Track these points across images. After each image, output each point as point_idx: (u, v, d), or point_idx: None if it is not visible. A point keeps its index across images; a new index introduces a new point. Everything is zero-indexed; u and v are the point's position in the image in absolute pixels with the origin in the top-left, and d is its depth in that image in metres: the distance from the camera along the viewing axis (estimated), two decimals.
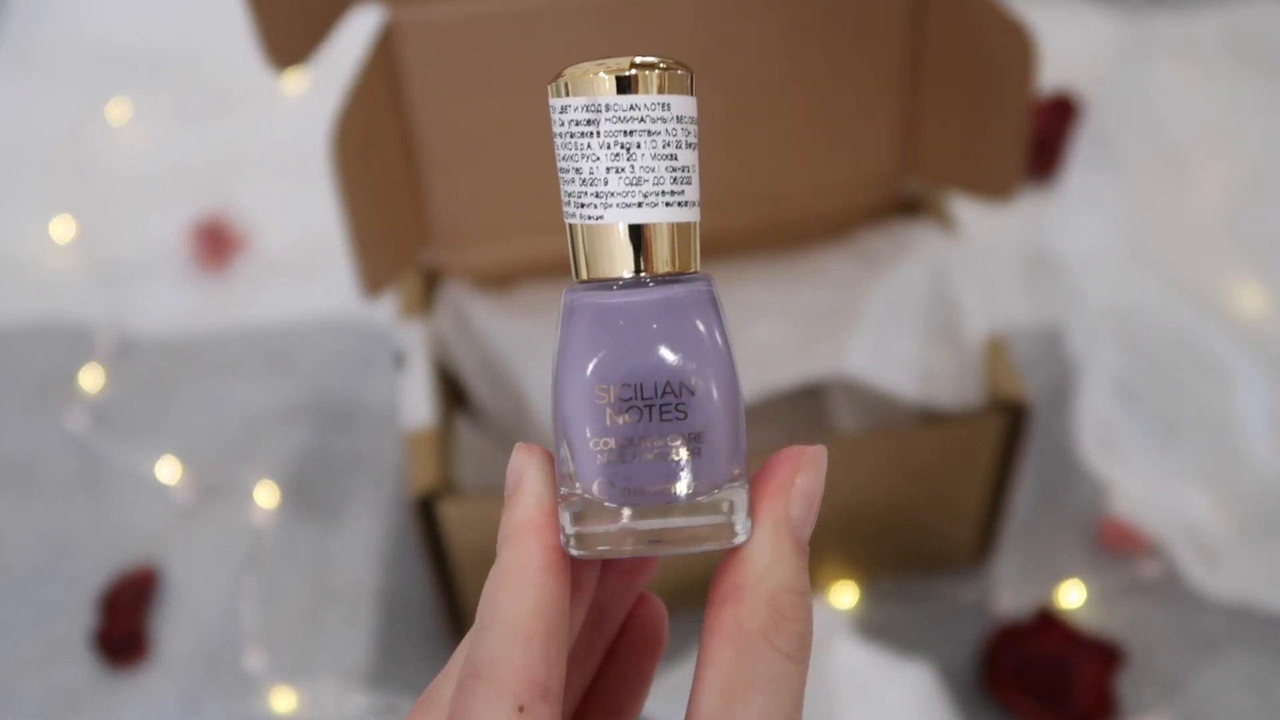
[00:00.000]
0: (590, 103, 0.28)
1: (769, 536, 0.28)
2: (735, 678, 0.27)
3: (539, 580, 0.28)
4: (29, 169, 0.91)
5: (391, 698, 0.64)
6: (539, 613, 0.27)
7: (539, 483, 0.29)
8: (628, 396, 0.28)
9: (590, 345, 0.28)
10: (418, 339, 0.62)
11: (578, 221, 0.29)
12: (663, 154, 0.28)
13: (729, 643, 0.27)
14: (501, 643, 0.27)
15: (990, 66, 0.59)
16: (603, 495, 0.28)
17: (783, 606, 0.28)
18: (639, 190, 0.28)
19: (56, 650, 0.67)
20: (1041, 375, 0.76)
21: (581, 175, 0.29)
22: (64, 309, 0.83)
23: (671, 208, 0.29)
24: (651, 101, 0.28)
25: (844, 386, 0.66)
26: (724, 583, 0.28)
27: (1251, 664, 0.64)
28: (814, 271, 0.67)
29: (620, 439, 0.28)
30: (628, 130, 0.28)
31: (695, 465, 0.28)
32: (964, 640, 0.65)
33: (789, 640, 0.27)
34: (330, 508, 0.72)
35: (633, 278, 0.29)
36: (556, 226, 0.65)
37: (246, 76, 0.77)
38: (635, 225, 0.28)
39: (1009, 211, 0.68)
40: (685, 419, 0.28)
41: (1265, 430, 0.70)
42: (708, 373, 0.28)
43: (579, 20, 0.59)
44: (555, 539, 0.28)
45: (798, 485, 0.29)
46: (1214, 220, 0.81)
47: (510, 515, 0.29)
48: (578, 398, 0.28)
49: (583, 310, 0.29)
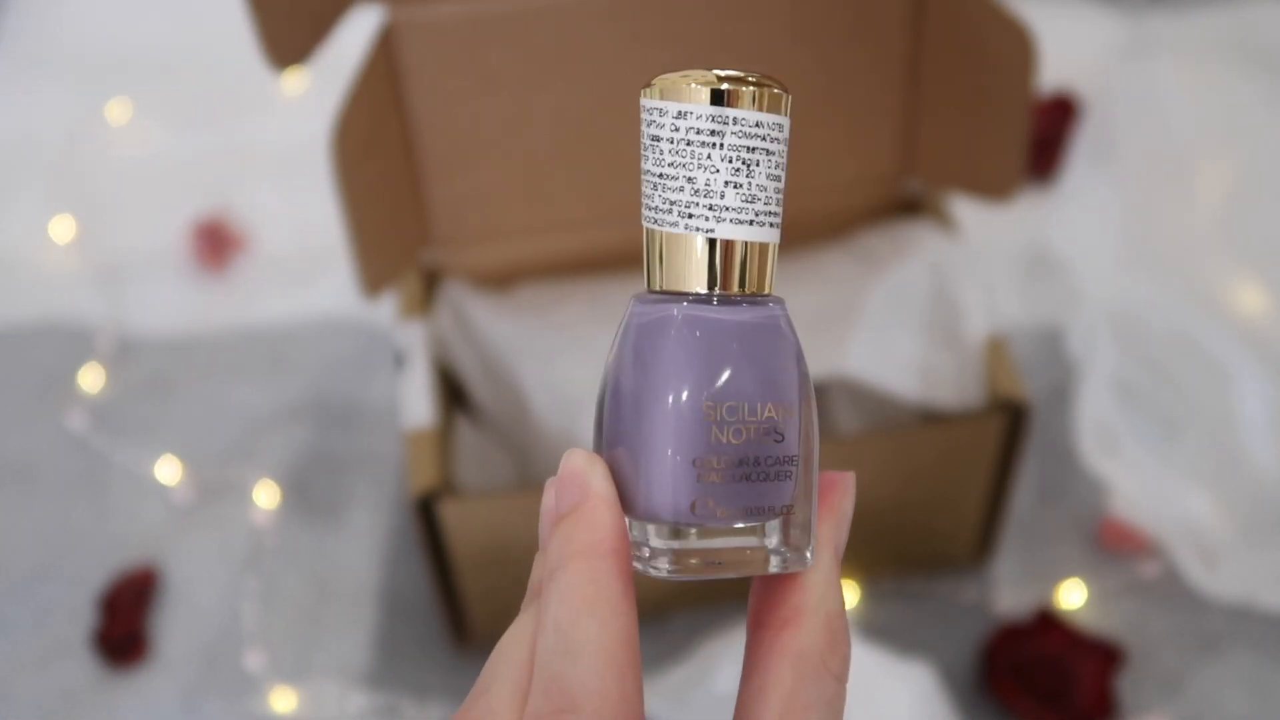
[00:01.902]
0: (719, 113, 0.27)
1: (826, 563, 0.29)
2: (795, 700, 0.28)
3: (623, 608, 0.27)
4: (29, 169, 0.91)
5: (391, 698, 0.64)
6: (627, 642, 0.27)
7: (611, 498, 0.28)
8: (733, 416, 0.28)
9: (693, 358, 0.28)
10: (418, 339, 0.62)
11: (680, 231, 0.28)
12: (774, 174, 0.28)
13: (791, 667, 0.28)
14: (597, 675, 0.26)
15: (990, 66, 0.59)
16: (698, 515, 0.28)
17: (837, 631, 0.28)
18: (752, 208, 0.28)
19: (56, 650, 0.67)
20: (1041, 375, 0.76)
21: (694, 185, 0.28)
22: (64, 309, 0.83)
23: (775, 228, 0.29)
24: (773, 121, 0.28)
25: (844, 386, 0.66)
26: (783, 605, 0.29)
27: (1251, 664, 0.64)
28: (814, 271, 0.67)
29: (722, 459, 0.28)
30: (750, 146, 0.28)
31: (783, 489, 0.28)
32: (964, 640, 0.65)
33: (841, 663, 0.28)
34: (330, 508, 0.72)
35: (718, 293, 0.28)
36: (556, 226, 0.66)
37: (246, 76, 0.77)
38: (736, 241, 0.28)
39: (1009, 211, 0.68)
40: (783, 441, 0.28)
41: (1265, 430, 0.70)
42: (800, 395, 0.29)
43: (579, 20, 0.59)
44: (630, 562, 0.28)
45: (841, 511, 0.30)
46: (1214, 220, 0.81)
47: (580, 531, 0.27)
48: (677, 412, 0.27)
49: (680, 322, 0.28)
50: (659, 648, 0.64)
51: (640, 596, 0.59)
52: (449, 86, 0.60)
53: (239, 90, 0.93)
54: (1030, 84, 0.57)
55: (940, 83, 0.62)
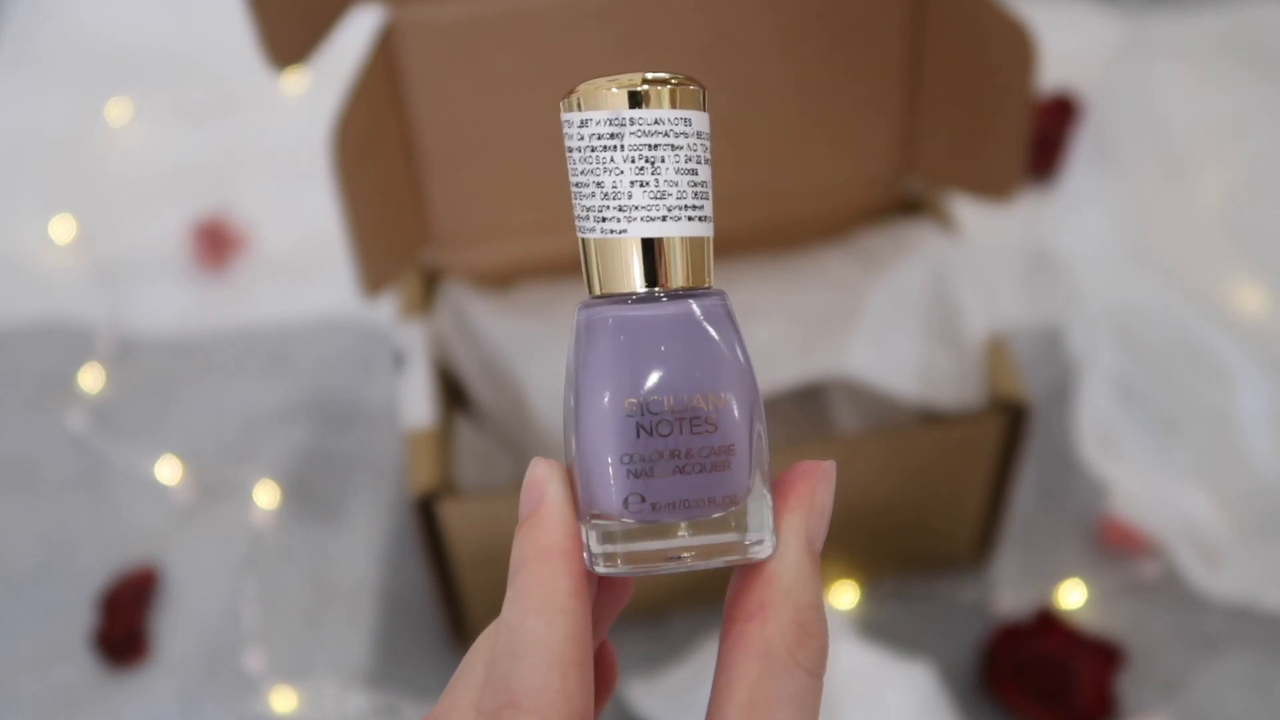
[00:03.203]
0: (614, 116, 0.28)
1: (793, 553, 0.28)
2: (761, 695, 0.27)
3: (570, 606, 0.27)
4: (29, 169, 0.91)
5: (391, 698, 0.64)
6: (573, 640, 0.27)
7: (562, 502, 0.28)
8: (658, 410, 0.28)
9: (618, 359, 0.28)
10: (418, 339, 0.62)
11: (598, 236, 0.29)
12: (685, 168, 0.28)
13: (755, 660, 0.27)
14: (538, 672, 0.26)
15: (990, 66, 0.59)
16: (632, 511, 0.28)
17: (807, 623, 0.28)
18: (663, 204, 0.28)
19: (56, 650, 0.67)
20: (1041, 375, 0.76)
21: (604, 189, 0.28)
22: (64, 309, 0.83)
23: (693, 222, 0.29)
24: (674, 116, 0.28)
25: (844, 386, 0.66)
26: (748, 598, 0.28)
27: (1251, 664, 0.64)
28: (814, 271, 0.67)
29: (650, 453, 0.28)
30: (652, 144, 0.28)
31: (724, 479, 0.28)
32: (964, 640, 0.65)
33: (812, 657, 0.28)
34: (330, 508, 0.72)
35: (650, 292, 0.29)
36: (556, 226, 0.65)
37: (246, 76, 0.77)
38: (656, 239, 0.28)
39: (1009, 211, 0.68)
40: (715, 432, 0.28)
41: (1265, 430, 0.70)
42: (734, 386, 0.28)
43: (579, 20, 0.59)
44: (582, 563, 0.28)
45: (815, 501, 0.29)
46: (1214, 220, 0.81)
47: (534, 536, 0.28)
48: (604, 413, 0.28)
49: (607, 325, 0.28)
50: (659, 648, 0.64)
51: (640, 597, 0.59)
52: (449, 86, 0.60)
53: (239, 90, 0.93)
54: (1030, 84, 0.57)
55: (940, 83, 0.62)
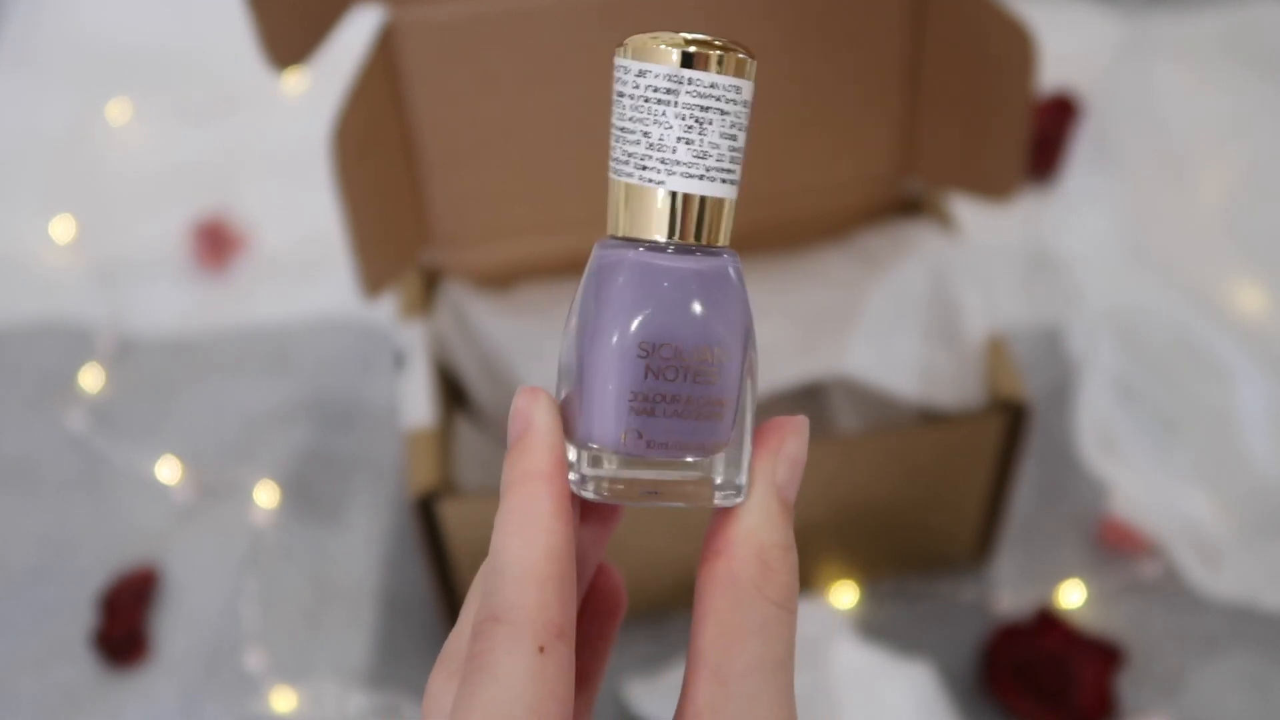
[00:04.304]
0: (674, 73, 0.29)
1: (758, 496, 0.30)
2: (730, 624, 0.29)
3: (550, 525, 0.28)
4: (29, 169, 0.91)
5: (391, 698, 0.64)
6: (552, 557, 0.28)
7: (548, 429, 0.30)
8: (669, 355, 0.29)
9: (635, 301, 0.29)
10: (418, 339, 0.62)
11: (635, 181, 0.30)
12: (728, 133, 0.30)
13: (722, 592, 0.29)
14: (517, 586, 0.28)
15: (990, 67, 0.59)
16: (627, 445, 0.29)
17: (770, 560, 0.29)
18: (703, 164, 0.30)
19: (56, 650, 0.67)
20: (1041, 375, 0.76)
21: (650, 139, 0.30)
22: (64, 309, 0.83)
23: (725, 184, 0.30)
24: (728, 83, 0.30)
25: (844, 386, 0.66)
26: (717, 538, 0.30)
27: (1251, 664, 0.64)
28: (814, 271, 0.67)
29: (654, 394, 0.29)
30: (704, 106, 0.29)
31: (713, 427, 0.30)
32: (964, 640, 0.65)
33: (777, 590, 0.29)
34: (330, 508, 0.72)
35: (673, 242, 0.30)
36: (556, 226, 0.66)
37: (246, 76, 0.77)
38: (690, 194, 0.30)
39: (1009, 211, 0.68)
40: (715, 384, 0.30)
41: (1265, 430, 0.70)
42: (738, 343, 0.30)
43: (579, 20, 0.59)
44: (565, 486, 0.29)
45: (784, 450, 0.31)
46: (1214, 220, 0.81)
47: (519, 460, 0.30)
48: (615, 349, 0.29)
49: (629, 266, 0.30)
50: (659, 647, 0.64)
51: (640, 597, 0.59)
52: (449, 86, 0.60)
53: (239, 90, 0.93)
54: (1030, 84, 0.57)
55: (940, 83, 0.62)
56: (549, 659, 0.27)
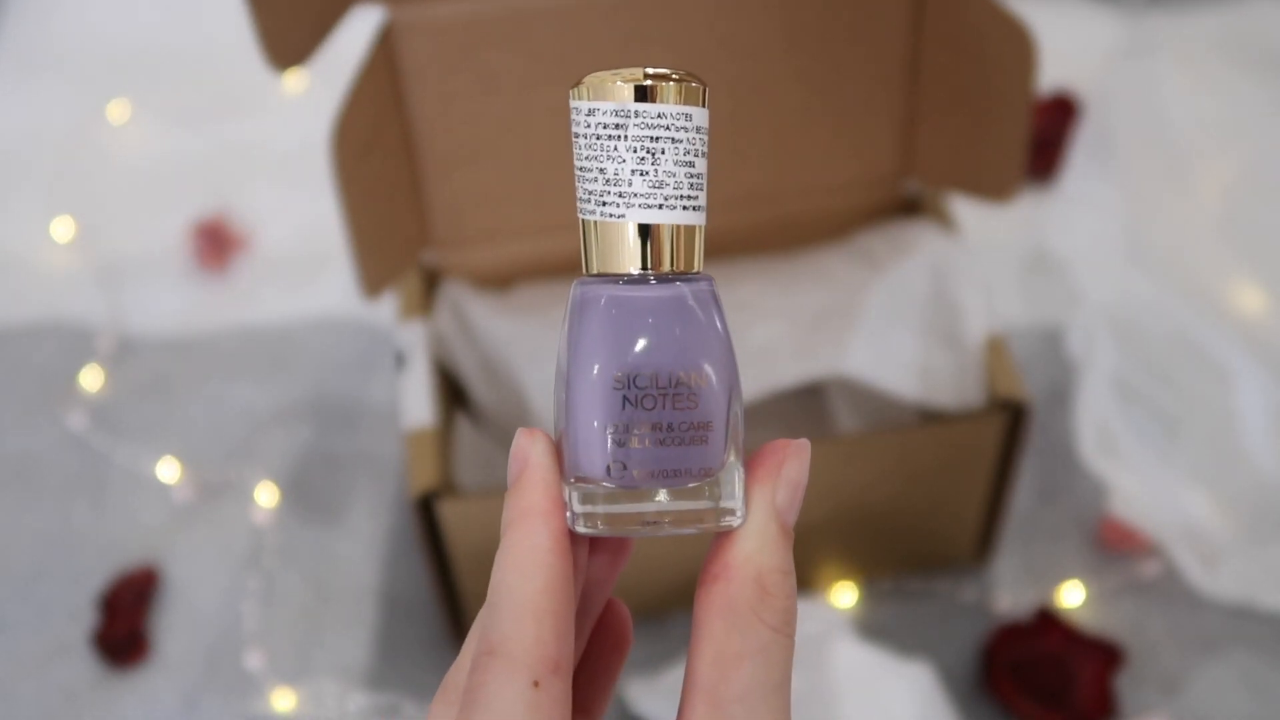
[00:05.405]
0: (620, 108, 0.30)
1: (757, 520, 0.30)
2: (726, 648, 0.29)
3: (547, 560, 0.29)
4: (29, 169, 0.91)
5: (391, 698, 0.64)
6: (549, 591, 0.28)
7: (545, 467, 0.30)
8: (644, 385, 0.30)
9: (607, 335, 0.30)
10: (418, 339, 0.63)
11: (597, 218, 0.31)
12: (683, 160, 0.30)
13: (720, 617, 0.29)
14: (513, 621, 0.28)
15: (990, 66, 0.59)
16: (614, 477, 0.30)
17: (769, 584, 0.29)
18: (660, 193, 0.30)
19: (56, 650, 0.67)
20: (1041, 375, 0.76)
21: (605, 175, 0.30)
22: (64, 309, 0.83)
23: (688, 211, 0.31)
24: (676, 111, 0.30)
25: (844, 386, 0.66)
26: (715, 562, 0.30)
27: (1251, 664, 0.64)
28: (814, 272, 0.67)
29: (634, 424, 0.30)
30: (654, 137, 0.30)
31: (701, 452, 0.30)
32: (964, 640, 0.65)
33: (775, 615, 0.29)
34: (330, 508, 0.72)
35: (642, 274, 0.30)
36: (556, 227, 0.66)
37: (246, 76, 0.77)
38: (652, 225, 0.30)
39: (1009, 211, 0.68)
40: (695, 408, 0.30)
41: (1265, 430, 0.70)
42: (716, 365, 0.30)
43: (579, 21, 0.59)
44: (562, 522, 0.30)
45: (784, 474, 0.31)
46: (1214, 220, 0.81)
47: (517, 499, 0.30)
48: (593, 384, 0.30)
49: (599, 302, 0.30)
50: (659, 647, 0.64)
51: (640, 597, 0.59)
52: (449, 86, 0.60)
53: (239, 90, 0.93)
54: (1030, 84, 0.57)
55: (940, 83, 0.62)
56: (543, 693, 0.27)
